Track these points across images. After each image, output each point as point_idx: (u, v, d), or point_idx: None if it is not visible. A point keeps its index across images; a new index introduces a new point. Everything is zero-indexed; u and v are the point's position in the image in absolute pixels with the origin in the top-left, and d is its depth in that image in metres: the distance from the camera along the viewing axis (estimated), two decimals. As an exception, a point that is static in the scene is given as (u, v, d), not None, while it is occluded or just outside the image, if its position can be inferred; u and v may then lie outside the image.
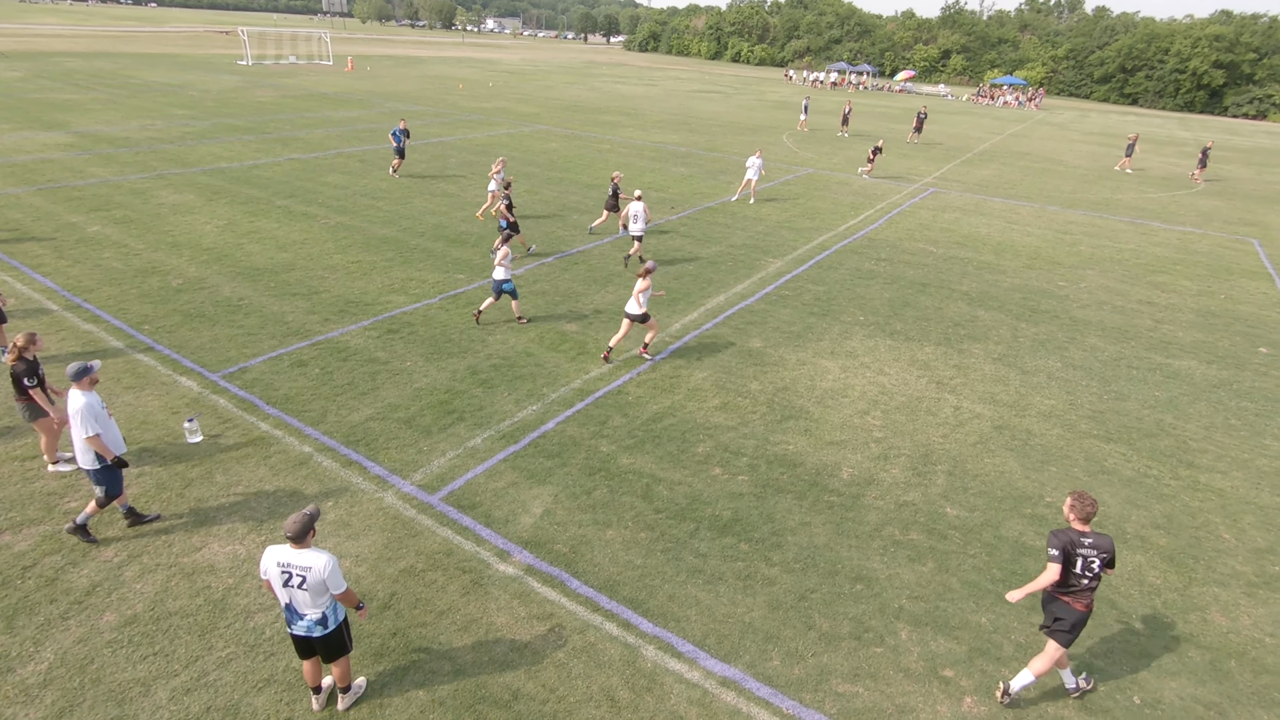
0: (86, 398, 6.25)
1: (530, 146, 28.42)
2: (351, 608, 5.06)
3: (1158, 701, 5.77)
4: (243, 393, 9.27)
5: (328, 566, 4.73)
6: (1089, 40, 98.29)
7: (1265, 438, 9.98)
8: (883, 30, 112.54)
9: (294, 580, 4.75)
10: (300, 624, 4.90)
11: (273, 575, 4.80)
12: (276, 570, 4.77)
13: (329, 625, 4.96)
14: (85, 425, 6.20)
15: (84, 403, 6.21)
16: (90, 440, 6.24)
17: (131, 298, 11.93)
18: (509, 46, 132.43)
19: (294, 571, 4.74)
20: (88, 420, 6.21)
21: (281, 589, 4.82)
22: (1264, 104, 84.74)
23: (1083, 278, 16.56)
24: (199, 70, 48.22)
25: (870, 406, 10.01)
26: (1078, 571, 5.26)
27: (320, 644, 5.01)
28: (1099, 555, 5.25)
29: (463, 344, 11.00)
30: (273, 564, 4.78)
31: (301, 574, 4.73)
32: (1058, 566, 5.25)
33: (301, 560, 4.72)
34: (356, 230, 16.19)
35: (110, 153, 22.24)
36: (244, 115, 30.99)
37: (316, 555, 4.74)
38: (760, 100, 55.60)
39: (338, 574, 4.79)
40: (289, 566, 4.74)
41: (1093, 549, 5.25)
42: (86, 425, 6.21)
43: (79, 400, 6.22)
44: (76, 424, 6.23)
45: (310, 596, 4.80)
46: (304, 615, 4.87)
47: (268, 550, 4.83)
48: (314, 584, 4.75)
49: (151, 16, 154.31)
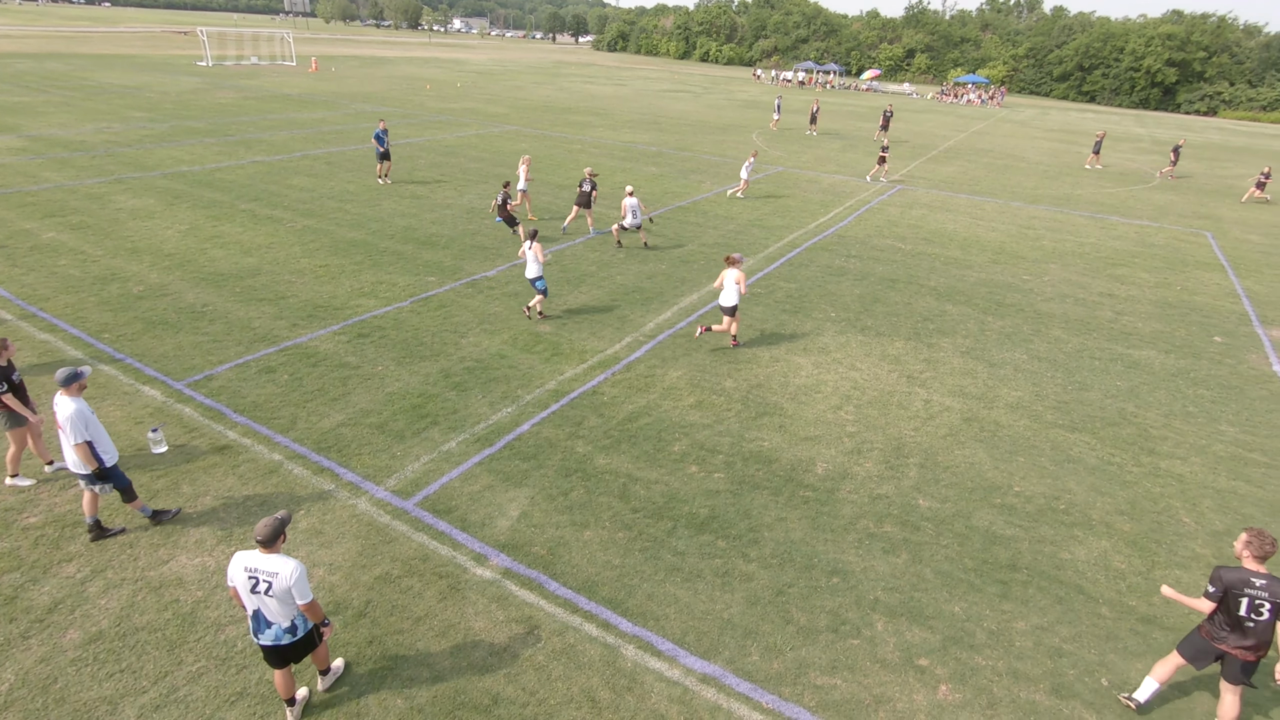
0: (76, 404, 6.15)
1: (500, 148, 28.23)
2: (317, 623, 4.93)
3: (1125, 683, 5.93)
4: (209, 401, 9.06)
5: (294, 574, 4.65)
6: (1048, 39, 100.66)
7: (1221, 424, 10.31)
8: (848, 30, 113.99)
9: (260, 586, 4.67)
10: (268, 633, 4.80)
11: (239, 582, 4.70)
12: (244, 576, 4.68)
13: (298, 633, 4.87)
14: (75, 432, 6.10)
15: (74, 409, 6.12)
16: (78, 448, 6.14)
17: (90, 306, 11.59)
18: (476, 47, 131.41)
19: (260, 577, 4.65)
20: (78, 427, 6.11)
21: (249, 596, 4.72)
22: (1214, 100, 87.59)
23: (1046, 271, 16.94)
24: (157, 71, 47.03)
25: (843, 401, 10.13)
26: (1242, 614, 4.96)
27: (292, 651, 4.93)
28: (1271, 600, 4.89)
29: (435, 347, 10.89)
30: (239, 570, 4.69)
31: (268, 579, 4.65)
32: (1211, 605, 5.05)
33: (269, 565, 4.65)
34: (324, 233, 15.93)
35: (65, 157, 21.59)
36: (205, 117, 30.31)
37: (284, 561, 4.67)
38: (730, 100, 55.91)
39: (304, 583, 4.70)
40: (256, 572, 4.66)
41: (1264, 591, 4.90)
42: (76, 432, 6.10)
43: (69, 407, 6.11)
44: (66, 431, 6.11)
45: (278, 604, 4.71)
46: (272, 624, 4.78)
47: (235, 556, 4.75)
48: (280, 591, 4.66)
49: (105, 16, 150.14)
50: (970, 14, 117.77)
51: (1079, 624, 6.50)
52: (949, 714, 5.54)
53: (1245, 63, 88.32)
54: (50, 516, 6.97)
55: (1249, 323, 14.53)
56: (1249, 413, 10.68)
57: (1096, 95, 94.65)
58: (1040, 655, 6.13)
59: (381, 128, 20.47)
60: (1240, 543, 5.18)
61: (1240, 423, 10.37)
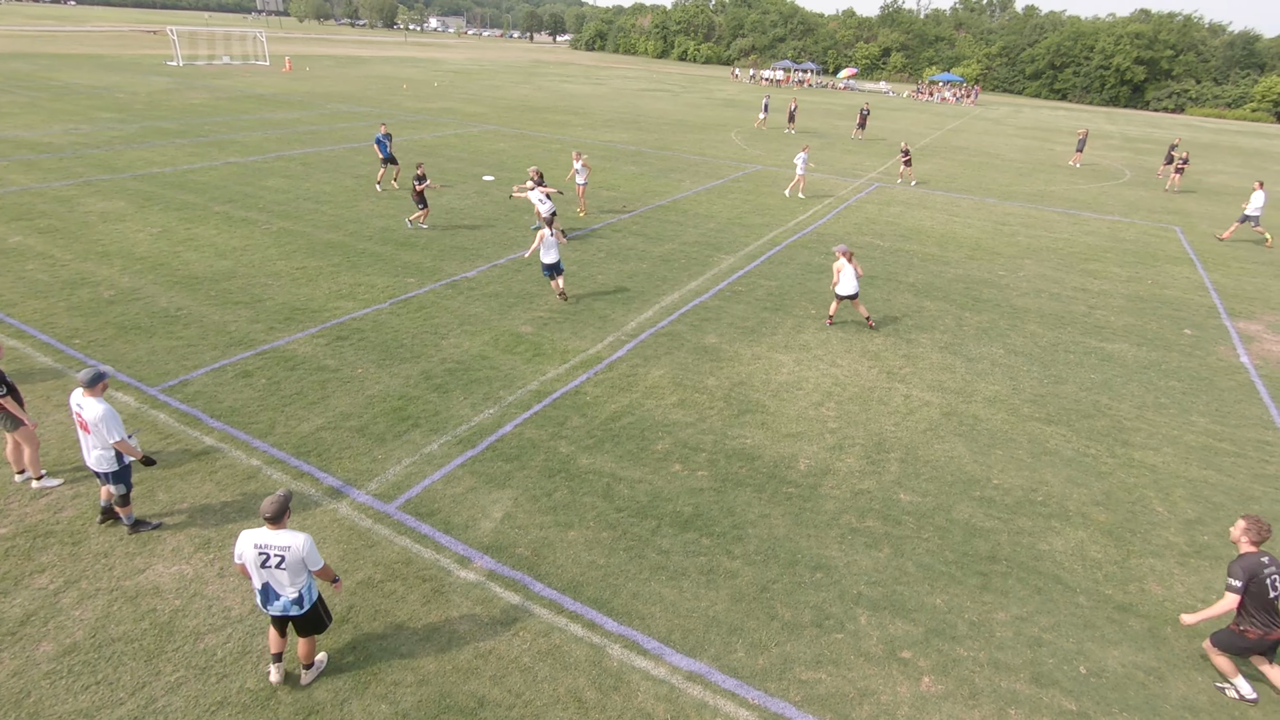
0: (104, 405, 6.26)
1: (479, 147, 28.06)
2: (329, 581, 5.28)
3: (1102, 670, 6.05)
4: (184, 406, 8.91)
5: (305, 544, 4.98)
6: (1020, 38, 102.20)
7: (1192, 414, 10.54)
8: (825, 29, 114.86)
9: (272, 561, 4.96)
10: (277, 604, 5.09)
11: (249, 558, 4.97)
12: (254, 553, 4.94)
13: (304, 605, 5.16)
14: (112, 430, 6.23)
15: (104, 410, 6.24)
16: (120, 445, 6.28)
17: (60, 311, 11.35)
18: (453, 46, 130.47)
19: (272, 552, 4.94)
20: (113, 425, 6.25)
21: (259, 571, 4.99)
22: (1181, 98, 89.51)
23: (1021, 267, 17.20)
24: (126, 71, 46.12)
25: (824, 398, 10.21)
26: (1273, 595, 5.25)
27: (298, 622, 5.24)
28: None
29: (415, 349, 10.80)
30: (249, 547, 4.95)
31: (280, 554, 4.94)
32: (1236, 597, 5.26)
33: (280, 540, 4.94)
34: (300, 235, 15.73)
35: (31, 159, 21.09)
36: (176, 118, 29.78)
37: (294, 535, 4.98)
38: (708, 98, 56.05)
39: (314, 552, 5.04)
40: (267, 548, 4.94)
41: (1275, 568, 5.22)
42: (113, 430, 6.24)
43: (98, 409, 6.23)
44: (101, 432, 6.22)
45: (289, 576, 5.01)
46: (280, 595, 5.07)
47: (242, 534, 4.99)
48: (293, 562, 4.97)
49: (71, 15, 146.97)
50: (944, 13, 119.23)
51: (1057, 613, 6.61)
52: (932, 705, 5.61)
53: (1210, 61, 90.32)
54: (21, 527, 6.82)
55: (1217, 315, 14.86)
56: (1218, 403, 10.93)
57: (1068, 93, 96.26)
58: (1020, 645, 6.22)
59: (383, 132, 20.05)
60: (1238, 529, 5.45)
61: (1210, 413, 10.60)
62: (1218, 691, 5.89)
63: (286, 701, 5.26)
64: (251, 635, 5.78)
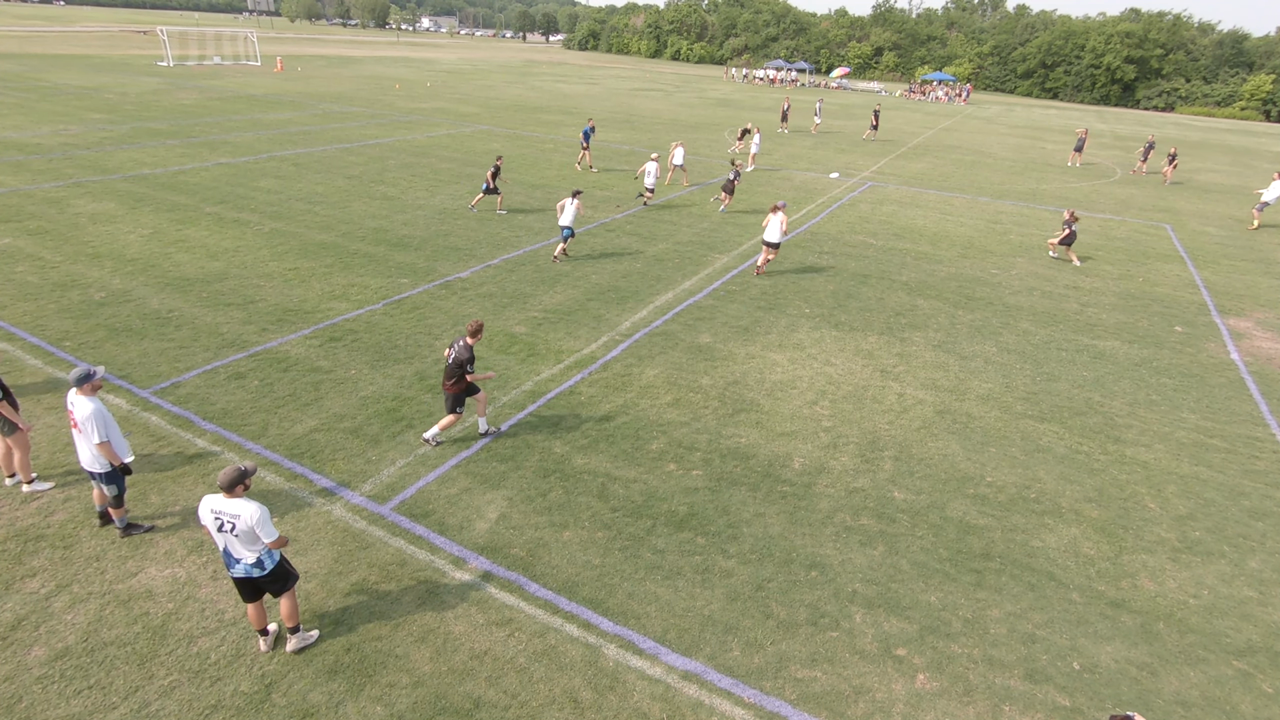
0: (94, 403, 6.19)
1: (472, 147, 28.00)
2: (281, 547, 5.42)
3: (1095, 666, 6.08)
4: (176, 409, 8.87)
5: (255, 515, 5.12)
6: (1011, 37, 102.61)
7: (1183, 411, 10.61)
8: (817, 28, 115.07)
9: (226, 526, 5.17)
10: (239, 567, 5.31)
11: (208, 521, 5.20)
12: (210, 516, 5.19)
13: (266, 567, 5.35)
14: (98, 430, 6.16)
15: (93, 408, 6.17)
16: (101, 446, 6.20)
17: (49, 313, 11.27)
18: (446, 46, 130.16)
19: (225, 518, 5.16)
20: (99, 425, 6.17)
21: (217, 534, 5.22)
22: (1170, 97, 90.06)
23: (1013, 265, 17.27)
24: (115, 72, 45.81)
25: (818, 397, 10.23)
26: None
27: (265, 582, 5.41)
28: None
29: (409, 350, 10.77)
30: (206, 510, 5.20)
31: (231, 520, 5.14)
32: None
33: (230, 508, 5.14)
34: (293, 236, 15.66)
35: (20, 160, 20.93)
36: (167, 119, 29.61)
37: (245, 504, 5.14)
38: (701, 98, 56.08)
39: (267, 523, 5.17)
40: (220, 514, 5.16)
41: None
42: (99, 430, 6.16)
43: (87, 406, 6.17)
44: (88, 430, 6.16)
45: (241, 543, 5.21)
46: (239, 559, 5.27)
47: (204, 499, 5.23)
48: (244, 531, 5.15)
49: (60, 15, 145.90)
50: (936, 13, 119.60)
51: (1051, 610, 6.65)
52: (927, 702, 5.63)
53: (1200, 60, 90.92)
54: (12, 531, 6.77)
55: (1208, 312, 14.96)
56: (1209, 400, 11.00)
57: (1059, 92, 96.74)
58: (1014, 641, 6.25)
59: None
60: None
61: (1201, 409, 10.68)
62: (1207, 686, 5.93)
63: (281, 705, 5.24)
64: (245, 638, 5.76)
